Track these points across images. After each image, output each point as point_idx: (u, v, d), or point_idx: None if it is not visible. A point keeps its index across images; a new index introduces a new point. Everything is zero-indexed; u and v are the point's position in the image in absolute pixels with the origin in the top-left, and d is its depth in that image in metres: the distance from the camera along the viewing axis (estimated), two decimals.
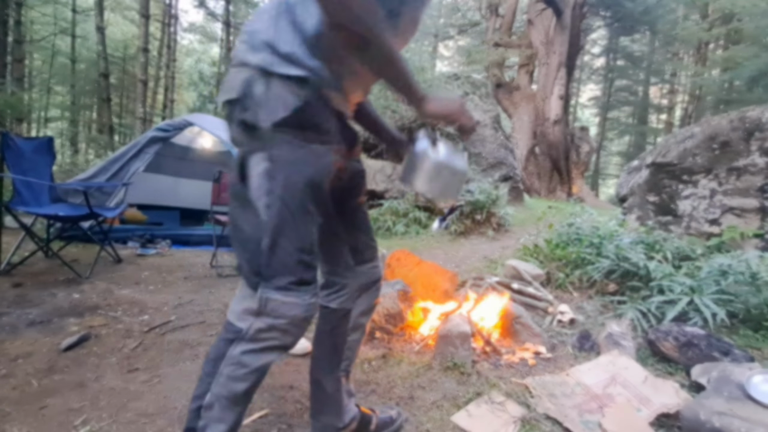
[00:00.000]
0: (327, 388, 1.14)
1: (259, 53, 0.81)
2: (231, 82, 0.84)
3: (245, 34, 0.87)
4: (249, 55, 0.82)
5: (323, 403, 1.15)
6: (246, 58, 0.82)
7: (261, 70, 0.80)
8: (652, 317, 2.07)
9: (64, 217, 2.97)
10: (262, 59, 0.81)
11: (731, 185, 2.88)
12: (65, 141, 16.37)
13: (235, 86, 0.82)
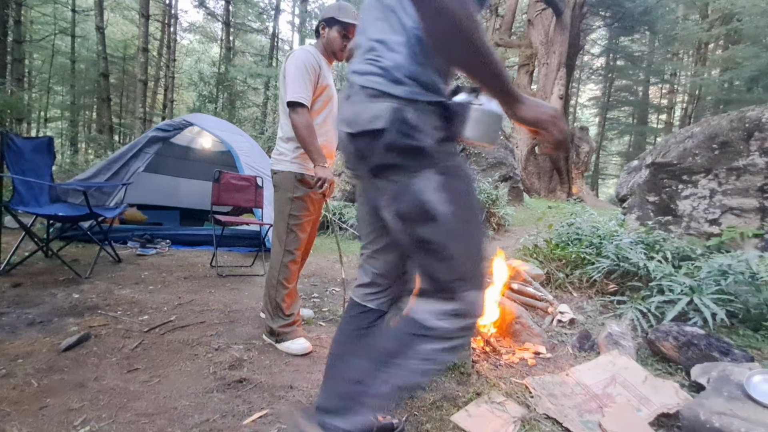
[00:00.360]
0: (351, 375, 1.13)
1: (403, 86, 0.87)
2: (367, 111, 0.88)
3: (371, 60, 0.90)
4: (391, 87, 0.87)
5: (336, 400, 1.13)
6: (388, 89, 0.87)
7: (408, 99, 0.87)
8: (652, 317, 2.07)
9: (64, 217, 2.97)
10: (410, 92, 0.87)
11: (731, 185, 2.88)
12: (65, 141, 16.37)
13: (379, 116, 0.86)
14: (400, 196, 0.90)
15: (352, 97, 0.93)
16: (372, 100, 0.88)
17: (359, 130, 0.89)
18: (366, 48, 0.93)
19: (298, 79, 1.79)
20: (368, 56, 0.91)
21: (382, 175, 0.91)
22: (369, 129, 0.87)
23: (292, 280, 1.95)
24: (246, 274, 3.29)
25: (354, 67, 0.96)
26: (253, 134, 10.45)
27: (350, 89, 0.96)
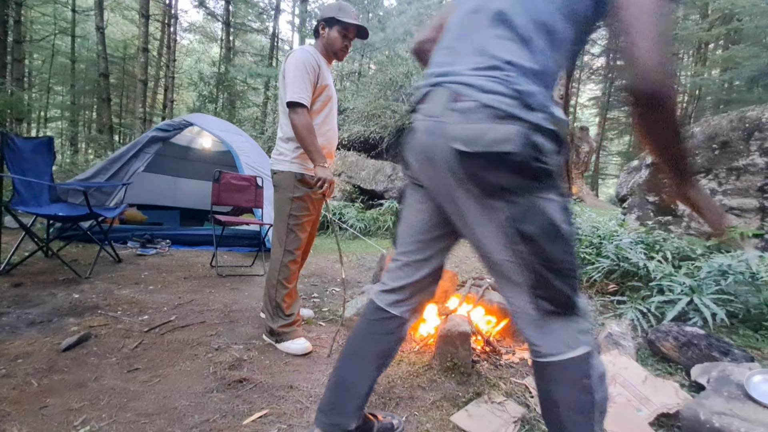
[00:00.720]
0: (360, 390, 1.14)
1: (534, 113, 0.87)
2: (494, 132, 0.85)
3: (501, 80, 0.87)
4: (523, 112, 0.86)
5: (344, 403, 1.15)
6: (520, 114, 0.85)
7: (537, 126, 0.87)
8: (652, 317, 2.07)
9: (64, 217, 2.97)
10: (540, 119, 0.87)
11: (731, 185, 2.88)
12: (65, 141, 16.38)
13: (509, 139, 0.84)
14: (529, 217, 0.88)
15: (466, 114, 0.88)
16: (498, 121, 0.85)
17: (481, 150, 0.86)
18: (487, 65, 0.89)
19: (297, 79, 1.79)
20: (494, 74, 0.87)
21: (500, 195, 0.88)
22: (495, 150, 0.85)
23: (292, 280, 1.95)
24: (246, 274, 3.29)
25: (466, 79, 0.90)
26: (253, 134, 10.45)
27: (456, 102, 0.90)
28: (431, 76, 1.00)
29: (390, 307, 1.14)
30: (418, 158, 1.00)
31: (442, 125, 0.91)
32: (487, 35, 0.93)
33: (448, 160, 0.91)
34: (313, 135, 1.80)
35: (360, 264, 4.02)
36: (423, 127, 0.97)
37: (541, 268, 0.89)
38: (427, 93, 0.99)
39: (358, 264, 4.02)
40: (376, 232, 5.80)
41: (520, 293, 0.93)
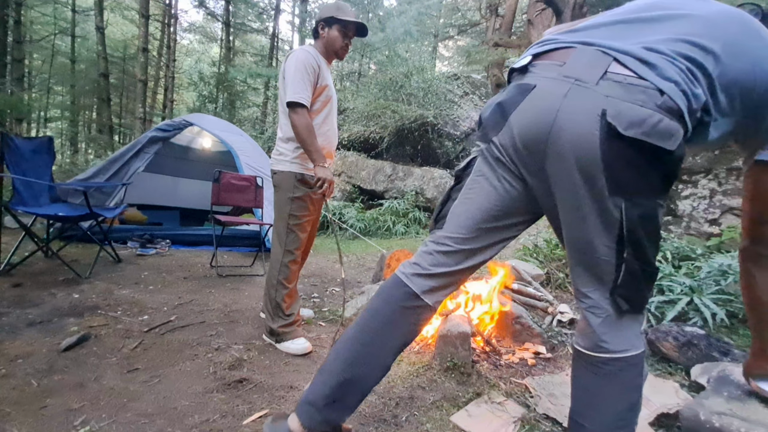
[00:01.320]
0: (371, 383, 1.06)
1: (690, 120, 0.80)
2: (665, 125, 0.76)
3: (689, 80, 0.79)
4: (688, 116, 0.79)
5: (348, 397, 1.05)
6: (686, 117, 0.79)
7: (686, 131, 0.80)
8: (652, 317, 2.07)
9: (64, 217, 2.97)
10: (690, 126, 0.81)
11: (731, 185, 2.88)
12: (65, 141, 16.38)
13: (675, 137, 0.77)
14: (645, 222, 0.82)
15: (630, 90, 0.76)
16: (667, 114, 0.76)
17: (639, 136, 0.75)
18: (673, 50, 0.79)
19: (297, 79, 1.79)
20: (680, 64, 0.79)
21: (626, 193, 0.80)
22: (653, 143, 0.75)
23: (292, 280, 1.95)
24: (246, 274, 3.29)
25: (635, 51, 0.79)
26: (253, 134, 10.45)
27: (616, 70, 0.78)
28: (568, 38, 0.86)
29: (425, 295, 1.01)
30: (532, 122, 0.84)
31: (590, 93, 0.77)
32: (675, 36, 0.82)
33: (585, 138, 0.77)
34: (313, 135, 1.80)
35: (360, 264, 4.02)
36: (556, 87, 0.80)
37: (636, 269, 0.85)
38: (564, 49, 0.84)
39: (358, 264, 4.02)
40: (376, 232, 5.80)
41: (603, 290, 0.88)
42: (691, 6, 0.86)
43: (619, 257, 0.84)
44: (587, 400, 0.93)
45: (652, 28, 0.83)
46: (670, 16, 0.85)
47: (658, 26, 0.83)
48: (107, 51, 11.97)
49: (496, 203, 0.96)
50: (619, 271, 0.85)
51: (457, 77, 8.68)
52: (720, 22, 0.83)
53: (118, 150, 4.42)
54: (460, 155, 7.45)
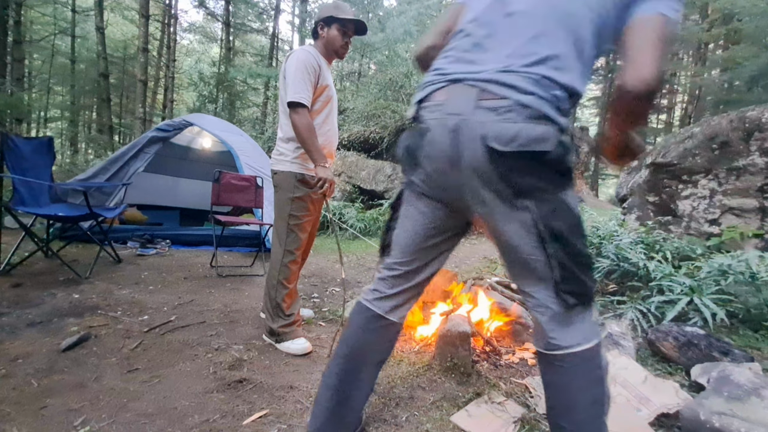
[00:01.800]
0: (362, 401, 1.16)
1: (564, 117, 0.91)
2: (531, 132, 0.86)
3: (543, 85, 0.88)
4: (557, 116, 0.89)
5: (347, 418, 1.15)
6: (554, 117, 0.88)
7: (562, 129, 0.90)
8: (652, 317, 2.07)
9: (64, 218, 2.97)
10: (566, 123, 0.91)
11: (731, 185, 2.88)
12: (65, 141, 16.38)
13: (546, 139, 0.87)
14: (558, 214, 0.90)
15: (500, 112, 0.87)
16: (535, 121, 0.87)
17: (517, 149, 0.86)
18: (523, 65, 0.89)
19: (298, 79, 1.79)
20: (532, 76, 0.88)
21: (530, 195, 0.90)
22: (532, 150, 0.86)
23: (292, 280, 1.95)
24: (246, 274, 3.29)
25: (498, 77, 0.90)
26: (253, 134, 10.45)
27: (485, 98, 0.89)
28: (447, 71, 0.96)
29: (389, 314, 1.13)
30: (436, 158, 0.95)
31: (470, 123, 0.89)
32: (521, 39, 0.92)
33: (479, 160, 0.89)
34: (314, 135, 1.80)
35: (360, 264, 4.02)
36: (444, 125, 0.92)
37: (568, 262, 0.91)
38: (440, 89, 0.96)
39: (358, 264, 4.02)
40: (376, 232, 5.80)
41: (546, 288, 0.94)
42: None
43: (546, 253, 0.91)
44: (556, 399, 0.97)
45: (501, 43, 0.94)
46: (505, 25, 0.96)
47: (502, 40, 0.95)
48: (107, 51, 11.97)
49: (428, 225, 1.07)
50: (551, 266, 0.92)
51: None
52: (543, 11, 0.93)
53: (118, 150, 4.42)
54: None
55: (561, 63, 0.90)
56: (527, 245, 0.92)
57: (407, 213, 1.10)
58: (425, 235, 1.08)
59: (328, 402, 1.11)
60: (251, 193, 3.59)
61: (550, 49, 0.90)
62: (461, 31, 1.02)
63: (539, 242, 0.91)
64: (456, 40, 1.02)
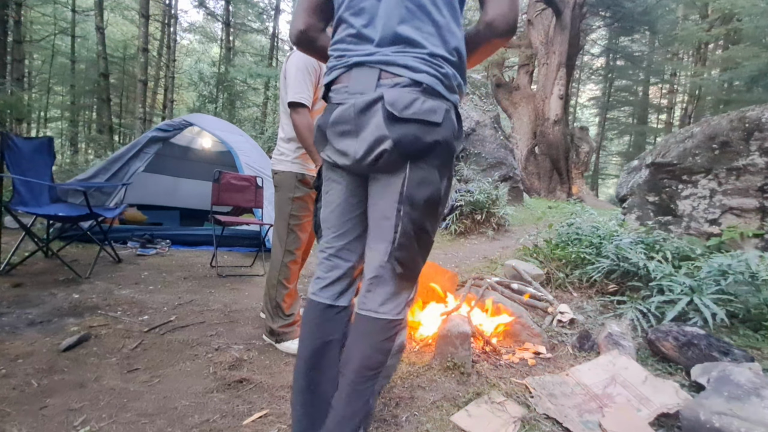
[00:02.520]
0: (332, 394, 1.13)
1: (454, 94, 1.02)
2: (424, 103, 0.96)
3: (432, 64, 0.98)
4: (446, 92, 0.99)
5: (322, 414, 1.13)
6: (444, 93, 0.98)
7: (455, 105, 1.02)
8: (652, 317, 2.07)
9: (64, 218, 2.97)
10: (456, 99, 1.03)
11: (731, 185, 2.88)
12: (65, 141, 16.36)
13: (437, 110, 0.96)
14: (424, 185, 0.98)
15: (397, 86, 0.96)
16: (427, 95, 0.96)
17: (411, 116, 0.95)
18: (410, 46, 0.98)
19: (299, 80, 1.79)
20: (420, 56, 0.97)
21: (412, 160, 0.97)
22: (424, 118, 0.95)
23: (292, 280, 1.95)
24: (246, 274, 3.29)
25: (395, 58, 0.97)
26: (253, 134, 10.44)
27: (385, 77, 0.98)
28: (350, 53, 1.03)
29: (337, 301, 1.14)
30: (345, 132, 1.02)
31: (375, 97, 0.97)
32: (401, 20, 0.99)
33: (380, 126, 0.96)
34: None
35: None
36: (351, 103, 1.00)
37: (411, 232, 0.99)
38: (344, 74, 1.04)
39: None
40: None
41: (384, 250, 1.02)
42: None
43: (398, 216, 0.99)
44: (348, 349, 1.06)
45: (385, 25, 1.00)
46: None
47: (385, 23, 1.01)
48: (107, 51, 11.96)
49: (347, 196, 1.12)
50: (396, 231, 0.99)
51: None
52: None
53: (118, 150, 4.42)
54: (460, 155, 7.45)
55: (440, 34, 0.99)
56: (389, 205, 1.00)
57: (328, 188, 1.15)
58: (347, 207, 1.12)
59: (302, 405, 1.11)
60: (251, 193, 3.59)
61: (429, 27, 0.99)
62: (342, 17, 1.06)
63: (398, 204, 0.98)
64: (343, 23, 1.06)
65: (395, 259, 1.00)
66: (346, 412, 1.00)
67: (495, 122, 8.24)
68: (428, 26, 0.98)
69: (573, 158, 12.49)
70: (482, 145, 7.68)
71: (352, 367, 1.02)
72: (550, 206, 8.60)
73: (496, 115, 8.52)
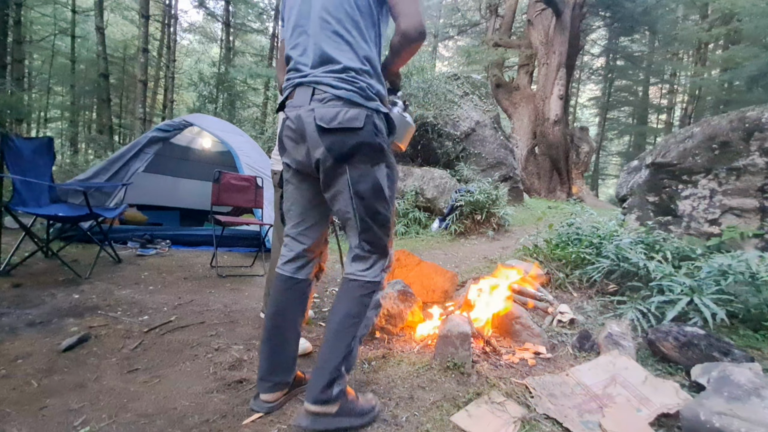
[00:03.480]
0: (293, 347, 1.45)
1: (373, 101, 1.26)
2: (346, 113, 1.21)
3: (348, 80, 1.23)
4: (365, 101, 1.23)
5: (282, 362, 1.43)
6: (363, 102, 1.23)
7: (376, 110, 1.26)
8: (652, 317, 2.07)
9: (64, 218, 2.97)
10: (377, 105, 1.27)
11: (731, 185, 2.88)
12: (65, 141, 16.34)
13: (357, 118, 1.22)
14: (364, 179, 1.25)
15: (325, 102, 1.22)
16: (349, 105, 1.22)
17: (337, 126, 1.20)
18: (332, 68, 1.24)
19: None
20: (340, 75, 1.23)
21: (347, 162, 1.23)
22: (347, 126, 1.21)
23: None
24: (246, 275, 3.29)
25: (321, 79, 1.24)
26: (253, 134, 10.43)
27: (317, 94, 1.24)
28: (293, 77, 1.31)
29: (297, 274, 1.41)
30: (292, 139, 1.29)
31: (309, 111, 1.24)
32: (321, 36, 1.26)
33: (313, 135, 1.23)
34: None
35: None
36: (294, 115, 1.27)
37: (367, 218, 1.29)
38: (292, 91, 1.31)
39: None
40: None
41: (355, 236, 1.32)
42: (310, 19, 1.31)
43: (354, 209, 1.27)
44: (335, 306, 1.34)
45: (313, 53, 1.28)
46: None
47: (313, 51, 1.28)
48: (107, 51, 11.96)
49: (304, 194, 1.39)
50: (356, 219, 1.28)
51: (457, 77, 8.67)
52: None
53: (118, 150, 4.42)
54: (460, 155, 7.45)
55: (353, 49, 1.25)
56: (344, 202, 1.28)
57: (288, 187, 1.41)
58: (306, 199, 1.39)
59: (265, 354, 1.39)
60: (251, 193, 3.59)
61: (344, 46, 1.24)
62: (288, 54, 1.35)
63: (350, 200, 1.26)
64: (290, 58, 1.35)
65: (363, 241, 1.32)
66: (332, 350, 1.27)
67: (495, 122, 8.24)
68: (343, 45, 1.24)
69: (573, 158, 12.50)
70: (482, 145, 7.68)
71: (338, 316, 1.30)
72: (550, 206, 8.60)
73: (496, 115, 8.52)
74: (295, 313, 1.41)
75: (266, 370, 1.38)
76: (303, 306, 1.44)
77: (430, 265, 2.55)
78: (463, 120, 7.71)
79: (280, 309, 1.40)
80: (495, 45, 13.67)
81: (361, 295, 1.31)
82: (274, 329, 1.39)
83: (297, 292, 1.42)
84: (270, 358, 1.39)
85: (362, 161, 1.23)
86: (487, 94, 8.81)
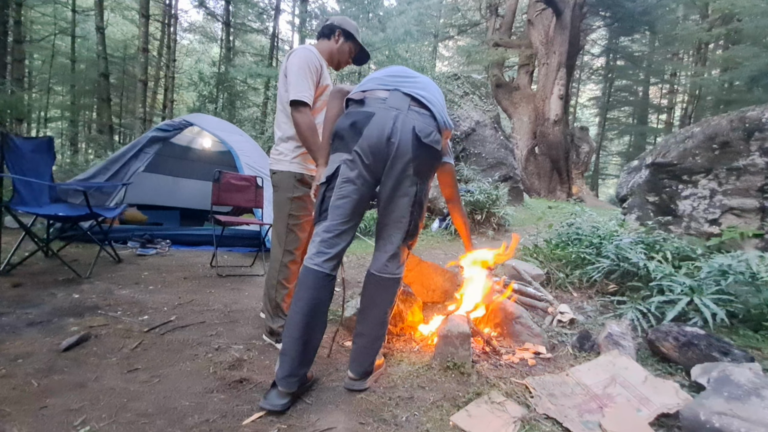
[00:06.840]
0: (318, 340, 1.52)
1: (438, 135, 1.51)
2: (434, 135, 1.47)
3: (431, 116, 1.49)
4: (437, 131, 1.49)
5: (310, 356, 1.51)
6: (438, 130, 1.50)
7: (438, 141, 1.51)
8: (652, 317, 2.07)
9: (64, 217, 2.97)
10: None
11: (731, 185, 2.88)
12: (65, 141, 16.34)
13: (438, 142, 1.49)
14: (423, 191, 1.51)
15: (424, 117, 1.45)
16: (436, 128, 1.48)
17: (428, 142, 1.42)
18: (427, 103, 1.48)
19: (301, 78, 1.78)
20: (426, 111, 1.48)
21: (419, 176, 1.45)
22: (433, 146, 1.44)
23: (291, 280, 1.95)
24: (246, 274, 3.29)
25: (423, 94, 1.48)
26: (253, 134, 10.44)
27: (415, 107, 1.46)
28: (385, 83, 1.50)
29: (333, 271, 1.49)
30: (377, 134, 1.39)
31: (407, 117, 1.41)
32: (422, 88, 1.54)
33: (407, 142, 1.39)
34: (316, 134, 1.79)
35: (360, 264, 4.02)
36: (388, 114, 1.41)
37: (416, 221, 1.53)
38: (380, 90, 1.47)
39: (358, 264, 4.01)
40: None
41: (400, 237, 1.52)
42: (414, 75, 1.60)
43: (411, 214, 1.49)
44: (367, 300, 1.57)
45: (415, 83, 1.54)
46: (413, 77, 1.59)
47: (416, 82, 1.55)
48: (107, 51, 11.94)
49: (359, 196, 1.47)
50: (410, 223, 1.50)
51: (457, 77, 8.67)
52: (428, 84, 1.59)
53: (118, 150, 4.42)
54: (461, 155, 7.45)
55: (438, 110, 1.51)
56: (405, 208, 1.47)
57: (344, 185, 1.46)
58: (356, 204, 1.47)
59: (296, 351, 1.41)
60: (251, 193, 3.59)
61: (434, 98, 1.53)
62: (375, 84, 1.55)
63: (412, 208, 1.48)
64: (375, 84, 1.54)
65: (407, 242, 1.55)
66: (377, 338, 1.57)
67: (495, 122, 8.24)
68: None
69: (573, 158, 12.50)
70: (482, 145, 7.68)
71: (381, 307, 1.55)
72: (550, 206, 8.60)
73: (496, 115, 8.52)
74: (326, 309, 1.50)
75: (297, 366, 1.41)
76: (331, 299, 1.53)
77: (431, 265, 2.55)
78: (464, 120, 7.71)
79: (316, 305, 1.44)
80: (495, 45, 13.68)
81: (395, 290, 1.56)
82: (307, 326, 1.42)
83: (330, 288, 1.49)
84: (303, 354, 1.42)
85: (428, 176, 1.49)
86: (487, 94, 8.81)
